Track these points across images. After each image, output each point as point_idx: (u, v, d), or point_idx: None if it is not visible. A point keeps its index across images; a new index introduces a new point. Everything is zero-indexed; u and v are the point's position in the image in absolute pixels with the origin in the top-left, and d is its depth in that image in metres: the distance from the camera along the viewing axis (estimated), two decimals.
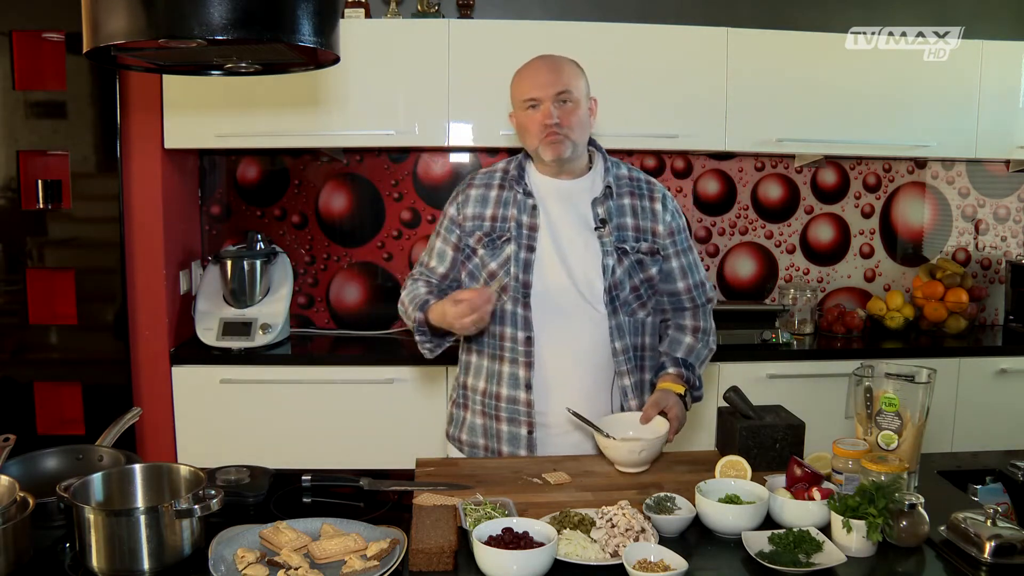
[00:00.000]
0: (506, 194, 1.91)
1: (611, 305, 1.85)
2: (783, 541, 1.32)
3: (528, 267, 1.84)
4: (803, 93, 3.00)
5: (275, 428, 2.82)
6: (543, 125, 1.81)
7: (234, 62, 1.43)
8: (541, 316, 1.83)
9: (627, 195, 1.91)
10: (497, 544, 1.27)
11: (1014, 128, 3.14)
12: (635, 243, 1.88)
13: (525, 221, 1.86)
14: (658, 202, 1.92)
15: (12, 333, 2.71)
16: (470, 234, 1.90)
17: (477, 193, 1.93)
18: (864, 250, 3.47)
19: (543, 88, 1.81)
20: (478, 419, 1.92)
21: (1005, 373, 3.07)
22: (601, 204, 1.88)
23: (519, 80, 1.87)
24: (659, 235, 1.90)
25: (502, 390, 1.86)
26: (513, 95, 1.89)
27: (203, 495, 1.30)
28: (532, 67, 1.86)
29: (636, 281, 1.88)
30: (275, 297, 3.05)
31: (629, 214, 1.89)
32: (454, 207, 1.95)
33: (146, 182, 2.78)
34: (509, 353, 1.85)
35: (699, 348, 1.96)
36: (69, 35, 2.61)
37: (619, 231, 1.87)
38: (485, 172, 1.97)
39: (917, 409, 1.55)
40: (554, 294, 1.84)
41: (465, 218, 1.92)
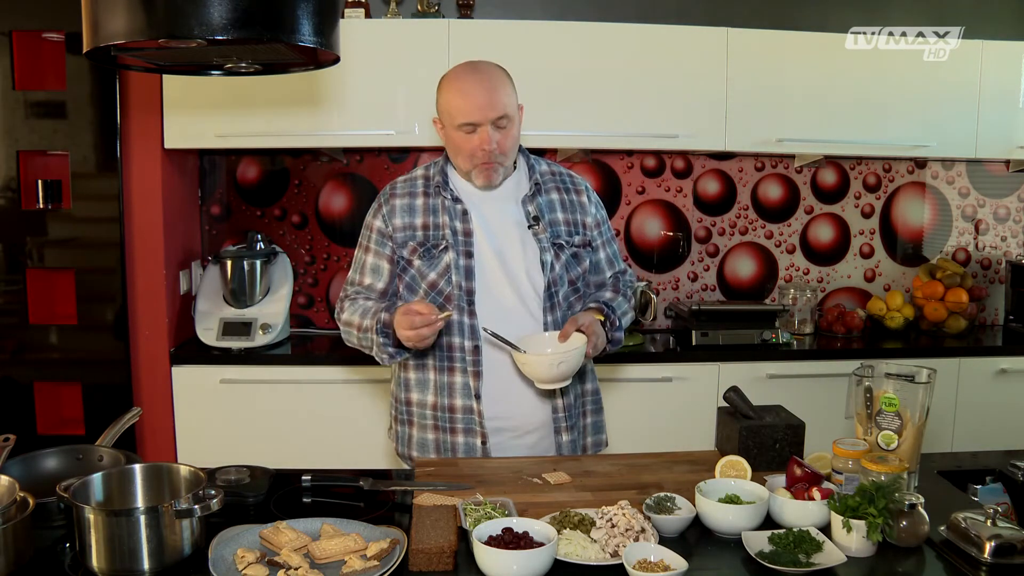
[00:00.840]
0: (432, 201, 1.87)
1: (548, 301, 1.84)
2: (783, 541, 1.32)
3: (470, 274, 1.81)
4: (803, 93, 3.00)
5: (275, 428, 2.82)
6: (481, 151, 1.78)
7: (234, 62, 1.43)
8: (485, 322, 1.80)
9: (553, 190, 1.92)
10: (497, 544, 1.27)
11: (1014, 128, 3.14)
12: (568, 237, 1.88)
13: (459, 227, 1.83)
14: (583, 194, 1.94)
15: (12, 333, 2.71)
16: (402, 245, 1.86)
17: (402, 203, 1.88)
18: (864, 250, 3.47)
19: (481, 112, 1.75)
20: (429, 434, 1.87)
21: (1005, 373, 3.07)
22: (531, 202, 1.87)
23: (452, 98, 1.78)
24: (588, 227, 1.92)
25: (455, 402, 1.83)
26: (444, 109, 1.81)
27: (203, 495, 1.30)
28: (467, 86, 1.77)
29: (573, 275, 1.89)
30: (275, 297, 3.05)
31: (559, 209, 1.90)
32: (379, 219, 1.89)
33: (146, 182, 2.78)
34: (460, 363, 1.82)
35: (620, 300, 1.95)
36: (69, 35, 2.61)
37: (552, 227, 1.87)
38: (405, 180, 1.93)
39: (917, 409, 1.55)
40: (496, 298, 1.82)
41: (395, 229, 1.87)
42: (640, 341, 3.08)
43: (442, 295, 1.82)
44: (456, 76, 1.81)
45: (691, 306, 3.04)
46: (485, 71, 1.80)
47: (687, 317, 3.05)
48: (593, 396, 1.98)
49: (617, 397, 2.82)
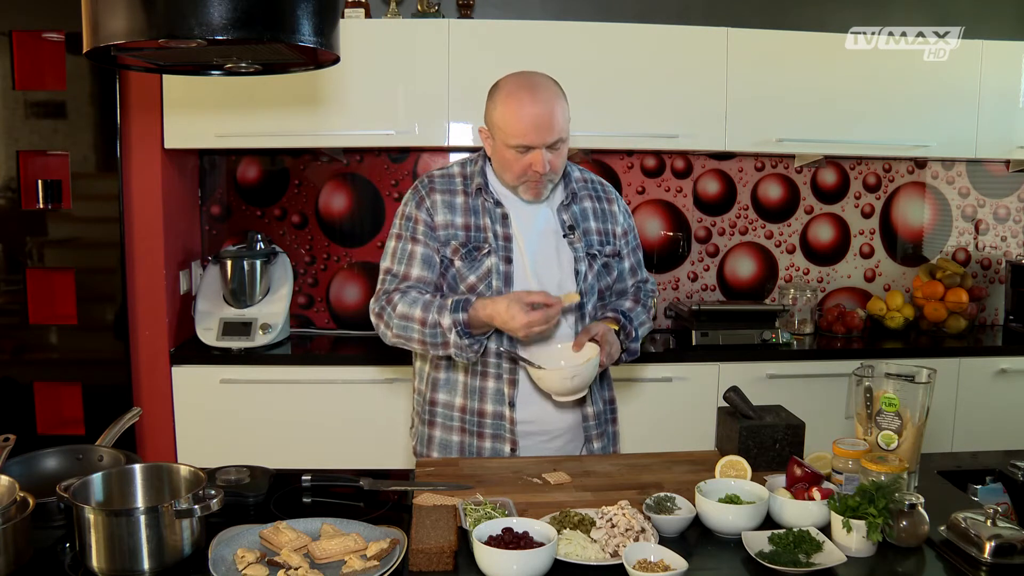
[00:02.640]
0: (472, 201, 1.83)
1: (579, 311, 1.83)
2: (783, 541, 1.32)
3: (509, 280, 1.79)
4: (803, 93, 3.00)
5: (275, 428, 2.82)
6: (532, 171, 1.75)
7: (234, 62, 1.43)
8: None
9: (587, 198, 1.90)
10: (497, 544, 1.27)
11: (1014, 128, 3.14)
12: (600, 247, 1.88)
13: (499, 231, 1.81)
14: (614, 203, 1.93)
15: (12, 333, 2.71)
16: (445, 244, 1.81)
17: (443, 199, 1.83)
18: (864, 250, 3.47)
19: (539, 136, 1.71)
20: (454, 436, 1.85)
21: (1005, 373, 3.07)
22: (566, 210, 1.86)
23: (508, 117, 1.73)
24: (617, 236, 1.92)
25: (486, 407, 1.81)
26: (497, 124, 1.76)
27: (203, 495, 1.30)
28: (525, 107, 1.71)
29: (603, 285, 1.89)
30: (275, 297, 3.05)
31: (592, 218, 1.89)
32: (424, 212, 1.82)
33: (146, 182, 2.78)
34: (493, 369, 1.80)
35: (639, 310, 1.94)
36: (69, 35, 2.61)
37: (586, 236, 1.86)
38: (442, 176, 1.86)
39: (917, 409, 1.55)
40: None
41: (438, 226, 1.82)
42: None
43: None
44: (513, 94, 1.74)
45: (691, 306, 3.04)
46: (543, 89, 1.74)
47: (687, 317, 3.05)
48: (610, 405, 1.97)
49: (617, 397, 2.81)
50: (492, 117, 1.78)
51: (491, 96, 1.80)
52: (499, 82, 1.81)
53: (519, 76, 1.79)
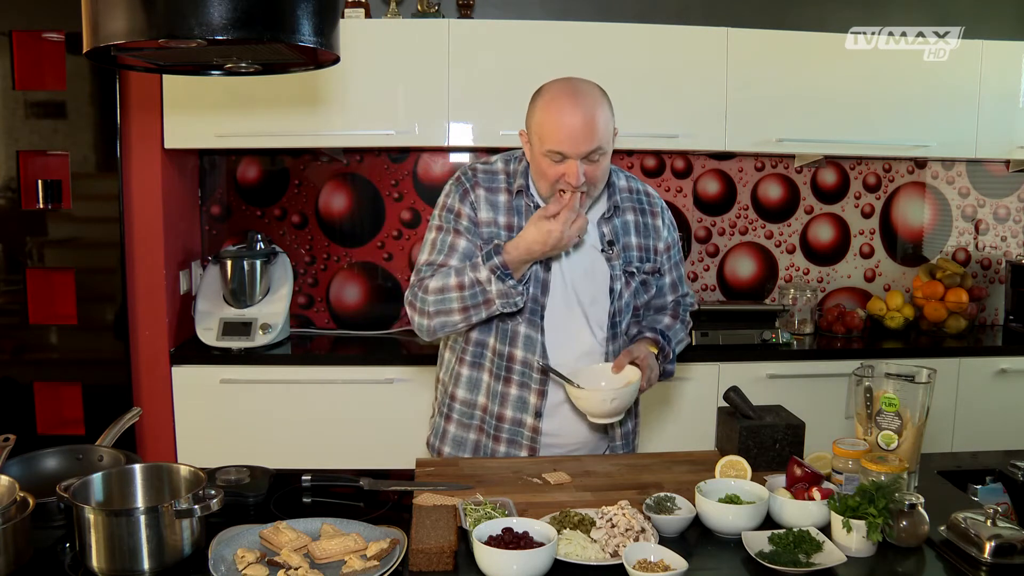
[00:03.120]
0: (515, 202, 1.77)
1: (612, 329, 1.80)
2: (783, 541, 1.32)
3: (546, 288, 1.75)
4: (803, 93, 3.00)
5: (275, 428, 2.82)
6: (565, 182, 1.67)
7: (234, 62, 1.43)
8: (552, 340, 1.76)
9: (630, 211, 1.84)
10: (497, 544, 1.27)
11: (1014, 128, 3.14)
12: (639, 263, 1.82)
13: None
14: (659, 217, 1.87)
15: (12, 333, 2.71)
16: (487, 241, 1.74)
17: (487, 196, 1.77)
18: (864, 250, 3.47)
19: (573, 145, 1.64)
20: (471, 434, 1.85)
21: (1005, 373, 3.07)
22: (607, 224, 1.80)
23: (545, 122, 1.66)
24: (659, 252, 1.86)
25: (506, 412, 1.80)
26: (534, 129, 1.70)
27: (203, 495, 1.30)
28: (563, 114, 1.64)
29: (639, 302, 1.84)
30: (275, 297, 3.05)
31: (633, 232, 1.82)
32: (468, 206, 1.77)
33: (146, 182, 2.78)
34: (518, 376, 1.78)
35: (678, 327, 1.91)
36: (69, 35, 2.61)
37: (625, 252, 1.80)
38: (485, 172, 1.81)
39: (917, 409, 1.55)
40: (563, 317, 1.77)
41: (481, 222, 1.76)
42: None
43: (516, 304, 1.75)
44: (553, 98, 1.68)
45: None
46: (585, 97, 1.66)
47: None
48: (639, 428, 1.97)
49: None
50: (530, 122, 1.72)
51: (533, 100, 1.74)
52: (544, 86, 1.74)
53: (562, 82, 1.72)
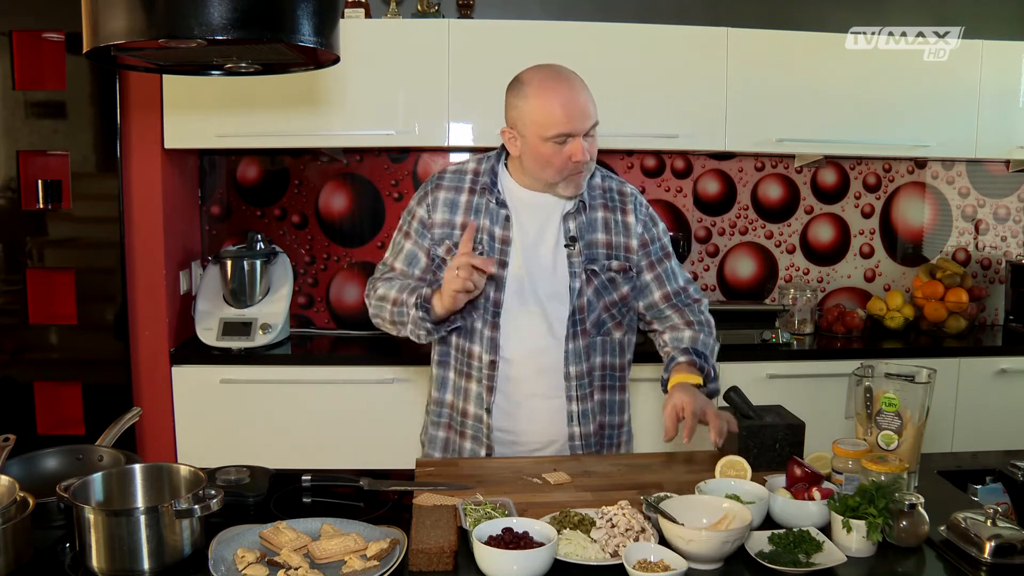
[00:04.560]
0: (477, 200, 1.79)
1: (572, 328, 1.77)
2: (783, 541, 1.32)
3: (500, 285, 1.75)
4: (803, 93, 3.00)
5: (275, 428, 2.82)
6: (574, 162, 1.68)
7: (234, 62, 1.43)
8: (507, 336, 1.76)
9: (600, 207, 1.82)
10: (497, 544, 1.27)
11: (1014, 128, 3.14)
12: (606, 261, 1.79)
13: (497, 233, 1.76)
14: (631, 214, 1.83)
15: (12, 333, 2.71)
16: (439, 242, 1.79)
17: (446, 197, 1.80)
18: (864, 250, 3.47)
19: (578, 123, 1.66)
20: (440, 432, 1.87)
21: (1005, 373, 3.07)
22: (573, 219, 1.78)
23: (546, 108, 1.66)
24: (632, 251, 1.82)
25: (469, 407, 1.81)
26: (530, 119, 1.68)
27: (203, 495, 1.30)
28: (560, 95, 1.66)
29: (608, 301, 1.80)
30: (275, 297, 3.05)
31: (601, 229, 1.80)
32: (423, 208, 1.82)
33: (146, 182, 2.78)
34: (476, 372, 1.79)
35: (703, 337, 1.83)
36: (69, 35, 2.61)
37: (589, 248, 1.78)
38: (454, 172, 1.84)
39: (917, 409, 1.55)
40: (521, 314, 1.76)
41: (434, 224, 1.80)
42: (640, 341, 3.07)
43: (470, 301, 1.75)
44: (544, 84, 1.68)
45: None
46: (572, 78, 1.70)
47: None
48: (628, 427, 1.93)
49: None
50: (522, 113, 1.70)
51: (516, 92, 1.72)
52: (522, 77, 1.73)
53: (543, 68, 1.73)
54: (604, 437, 1.87)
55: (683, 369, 1.76)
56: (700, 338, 1.84)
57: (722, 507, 1.39)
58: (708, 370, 1.76)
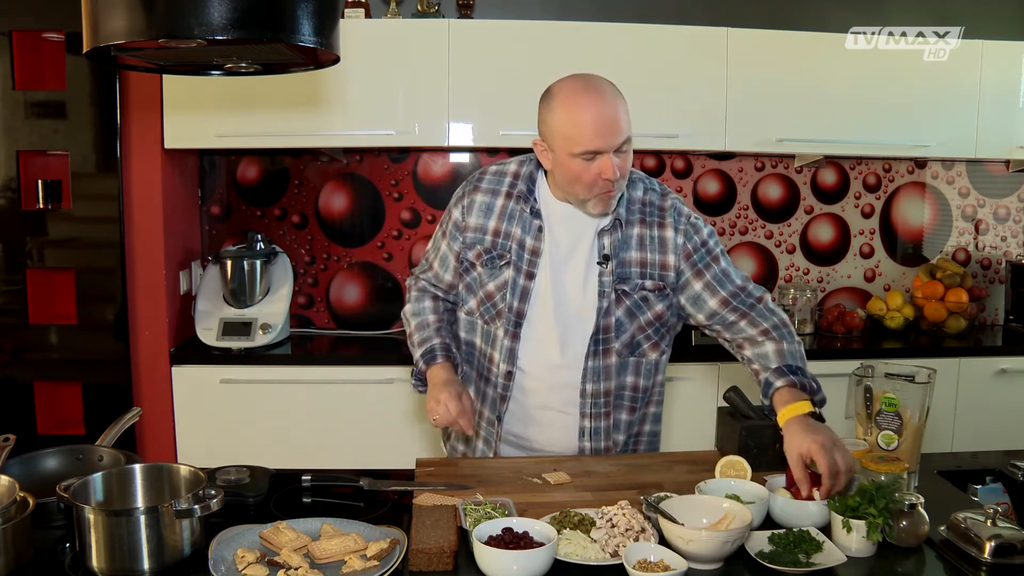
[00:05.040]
0: (512, 206, 1.75)
1: (594, 346, 1.73)
2: (783, 541, 1.32)
3: (525, 296, 1.72)
4: (803, 93, 3.00)
5: (275, 428, 2.82)
6: (603, 180, 1.61)
7: (234, 62, 1.43)
8: (531, 350, 1.75)
9: (637, 223, 1.74)
10: (497, 544, 1.27)
11: (1014, 128, 3.14)
12: (639, 280, 1.72)
13: (528, 244, 1.72)
14: (668, 228, 1.73)
15: (12, 333, 2.71)
16: (470, 247, 1.78)
17: (483, 200, 1.77)
18: (864, 250, 3.47)
19: (606, 140, 1.58)
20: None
21: (1005, 373, 3.07)
22: (608, 236, 1.72)
23: (574, 123, 1.59)
24: (668, 268, 1.73)
25: (484, 409, 1.82)
26: (558, 132, 1.62)
27: (203, 495, 1.30)
28: (588, 110, 1.59)
29: (643, 321, 1.74)
30: (275, 297, 3.05)
31: (636, 247, 1.73)
32: (459, 210, 1.79)
33: (146, 182, 2.78)
34: (493, 378, 1.79)
35: (787, 347, 1.68)
36: (69, 35, 2.62)
37: (621, 267, 1.72)
38: (495, 174, 1.80)
39: (917, 409, 1.55)
40: (543, 327, 1.73)
41: (468, 227, 1.78)
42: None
43: (495, 308, 1.75)
44: (573, 97, 1.61)
45: None
46: (603, 90, 1.63)
47: None
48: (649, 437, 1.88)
49: None
50: (551, 126, 1.63)
51: (546, 103, 1.66)
52: (553, 87, 1.67)
53: (576, 78, 1.66)
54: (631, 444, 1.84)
55: (786, 398, 1.59)
56: (785, 348, 1.68)
57: (722, 507, 1.39)
58: (810, 384, 1.62)
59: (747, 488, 1.48)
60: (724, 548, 1.28)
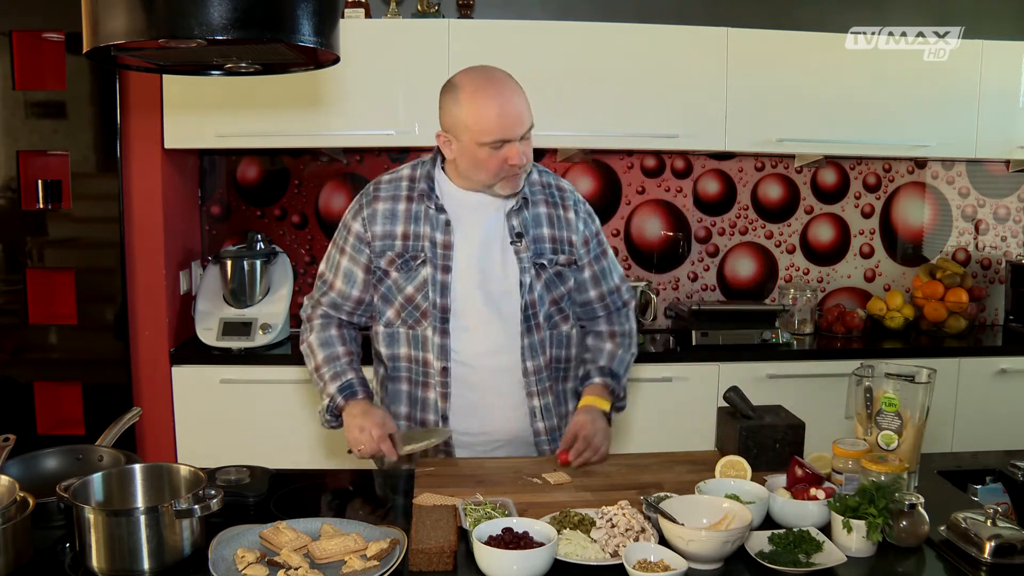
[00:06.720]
0: (415, 208, 1.78)
1: (525, 323, 1.77)
2: (783, 541, 1.32)
3: (445, 290, 1.74)
4: (803, 93, 3.00)
5: (275, 428, 2.82)
6: (510, 166, 1.68)
7: (234, 62, 1.43)
8: (465, 341, 1.76)
9: (542, 203, 1.82)
10: (497, 544, 1.27)
11: (1014, 128, 3.14)
12: (552, 255, 1.80)
13: (439, 239, 1.75)
14: (571, 210, 1.84)
15: (12, 333, 2.71)
16: (380, 255, 1.78)
17: (384, 208, 1.78)
18: (864, 250, 3.47)
19: (513, 129, 1.66)
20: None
21: (1005, 373, 3.07)
22: (516, 216, 1.78)
23: (478, 114, 1.66)
24: (575, 245, 1.83)
25: (428, 416, 1.80)
26: (464, 124, 1.68)
27: (203, 495, 1.30)
28: (493, 101, 1.66)
29: (556, 295, 1.81)
30: (275, 297, 3.05)
31: (545, 224, 1.81)
32: (359, 223, 1.79)
33: (146, 182, 2.78)
34: (432, 381, 1.78)
35: (621, 353, 1.89)
36: (69, 35, 2.62)
37: (536, 243, 1.79)
38: (390, 181, 1.82)
39: (917, 409, 1.55)
40: (471, 315, 1.76)
41: (374, 236, 1.78)
42: (640, 341, 3.06)
43: (418, 310, 1.76)
44: (480, 90, 1.68)
45: (691, 306, 3.04)
46: (504, 81, 1.70)
47: (687, 317, 3.05)
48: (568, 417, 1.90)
49: None
50: (457, 118, 1.69)
51: (450, 96, 1.72)
52: (455, 81, 1.73)
53: (477, 71, 1.73)
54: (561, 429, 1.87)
55: (596, 392, 1.82)
56: (619, 355, 1.89)
57: (722, 507, 1.39)
58: (618, 391, 1.85)
59: (747, 488, 1.48)
60: (724, 548, 1.28)
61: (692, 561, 1.27)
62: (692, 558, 1.27)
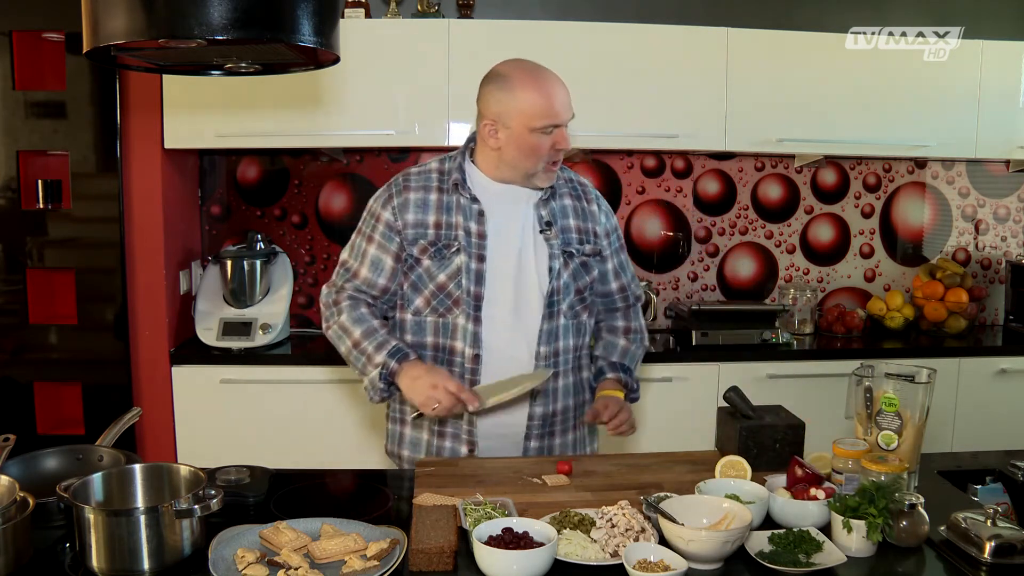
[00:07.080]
0: (447, 198, 1.81)
1: (548, 309, 1.80)
2: (783, 541, 1.32)
3: (480, 279, 1.77)
4: (803, 93, 3.00)
5: (275, 428, 2.82)
6: (556, 151, 1.76)
7: (234, 62, 1.43)
8: (489, 328, 1.78)
9: (567, 196, 1.89)
10: (497, 544, 1.27)
11: (1014, 128, 3.14)
12: (579, 245, 1.85)
13: (473, 228, 1.78)
14: (593, 203, 1.92)
15: (12, 333, 2.71)
16: (413, 243, 1.79)
17: (416, 197, 1.81)
18: (864, 250, 3.47)
19: (564, 112, 1.75)
20: (424, 435, 1.86)
21: (1005, 373, 3.07)
22: (544, 206, 1.84)
23: (537, 99, 1.72)
24: (599, 236, 1.90)
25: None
26: (518, 110, 1.73)
27: (203, 495, 1.30)
28: (547, 86, 1.74)
29: (581, 284, 1.86)
30: (275, 297, 3.05)
31: (571, 215, 1.87)
32: (389, 212, 1.81)
33: (146, 182, 2.78)
34: (459, 369, 1.79)
35: (633, 349, 1.97)
36: (69, 35, 2.62)
37: (564, 233, 1.84)
38: (419, 173, 1.85)
39: (917, 409, 1.55)
40: (502, 304, 1.78)
41: (405, 225, 1.80)
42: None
43: (450, 298, 1.78)
44: (532, 76, 1.75)
45: (691, 306, 3.04)
46: (549, 71, 1.78)
47: (687, 317, 3.05)
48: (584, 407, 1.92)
49: None
50: (508, 105, 1.74)
51: (497, 84, 1.76)
52: (501, 71, 1.77)
53: (520, 62, 1.79)
54: (567, 419, 1.89)
55: (609, 386, 1.89)
56: (631, 350, 1.97)
57: (722, 507, 1.39)
58: (631, 384, 1.93)
59: (747, 488, 1.48)
60: (724, 548, 1.28)
61: (692, 561, 1.27)
62: (692, 558, 1.27)
